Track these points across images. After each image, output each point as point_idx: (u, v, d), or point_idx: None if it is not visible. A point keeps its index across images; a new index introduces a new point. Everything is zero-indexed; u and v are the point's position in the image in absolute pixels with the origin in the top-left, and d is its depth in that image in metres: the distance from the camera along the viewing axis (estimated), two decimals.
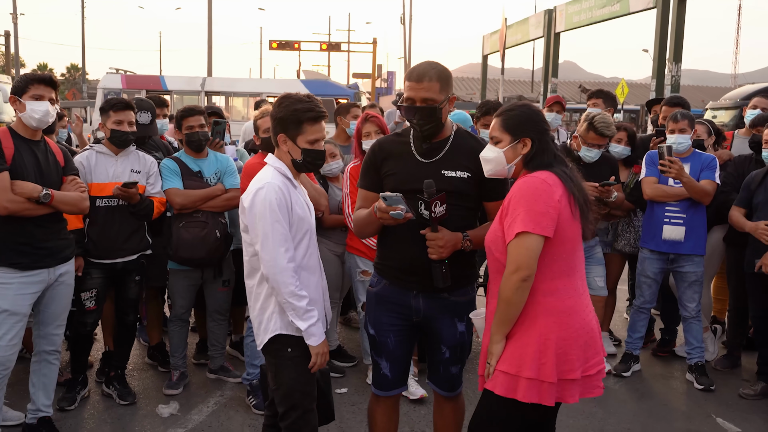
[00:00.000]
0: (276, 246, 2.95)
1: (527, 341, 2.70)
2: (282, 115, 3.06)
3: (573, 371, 2.70)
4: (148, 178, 4.57)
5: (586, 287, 2.89)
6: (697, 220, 5.04)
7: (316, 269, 3.20)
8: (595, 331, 2.81)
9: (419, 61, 3.19)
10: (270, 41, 36.86)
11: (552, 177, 2.75)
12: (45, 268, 3.86)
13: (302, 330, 3.00)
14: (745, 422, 4.59)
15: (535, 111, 2.92)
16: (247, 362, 4.72)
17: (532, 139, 2.83)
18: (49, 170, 3.90)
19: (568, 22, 27.07)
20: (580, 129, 5.21)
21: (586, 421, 4.54)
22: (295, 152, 3.08)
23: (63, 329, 4.15)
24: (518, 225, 2.66)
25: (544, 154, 2.82)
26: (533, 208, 2.66)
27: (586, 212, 2.79)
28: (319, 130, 3.09)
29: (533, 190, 2.71)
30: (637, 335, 5.39)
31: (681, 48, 20.05)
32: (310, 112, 3.04)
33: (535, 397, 2.68)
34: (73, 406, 4.50)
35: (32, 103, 3.78)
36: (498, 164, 2.88)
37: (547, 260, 2.71)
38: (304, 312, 2.98)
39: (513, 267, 2.67)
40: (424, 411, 4.54)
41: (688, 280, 5.12)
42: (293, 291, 2.96)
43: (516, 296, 2.68)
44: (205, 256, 4.59)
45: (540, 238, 2.66)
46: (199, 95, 19.30)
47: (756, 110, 5.91)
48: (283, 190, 3.01)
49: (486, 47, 37.12)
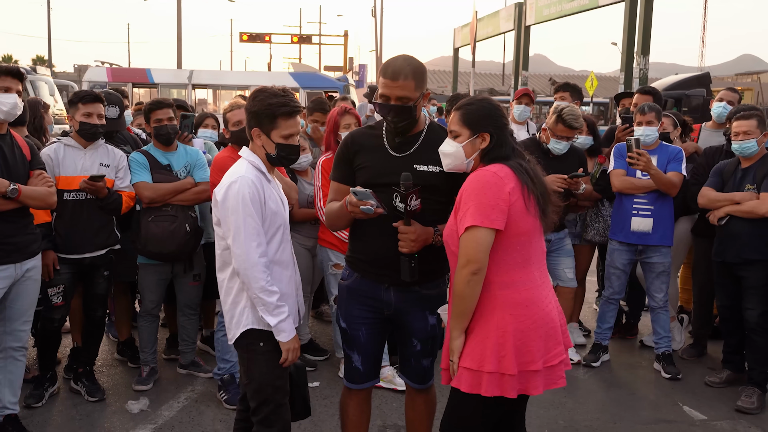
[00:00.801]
0: (248, 240, 2.93)
1: (486, 335, 2.71)
2: (256, 109, 3.03)
3: (534, 362, 2.70)
4: (117, 172, 4.52)
5: (546, 278, 2.88)
6: (664, 211, 5.12)
7: (290, 264, 3.18)
8: (556, 322, 2.81)
9: (391, 53, 3.20)
10: (240, 33, 36.46)
11: (504, 169, 2.74)
12: (11, 263, 3.80)
13: (272, 326, 2.99)
14: (711, 410, 4.68)
15: (494, 106, 2.90)
16: (218, 357, 4.68)
17: (490, 134, 2.82)
18: (16, 164, 3.83)
19: (538, 15, 27.26)
20: (548, 121, 5.25)
21: (556, 411, 4.59)
22: (269, 146, 3.07)
23: (30, 325, 4.09)
24: (468, 219, 2.65)
25: (501, 148, 2.82)
26: (482, 201, 2.66)
27: (543, 204, 2.78)
28: (293, 125, 3.06)
29: (483, 183, 2.70)
30: (606, 326, 5.46)
31: (649, 41, 20.31)
32: (284, 107, 3.01)
33: (497, 390, 2.69)
34: (41, 403, 4.44)
35: (0, 95, 3.71)
36: (457, 158, 2.88)
37: (501, 253, 2.70)
38: (274, 308, 2.97)
39: (464, 260, 2.67)
40: (396, 404, 4.56)
41: (656, 270, 5.20)
42: (263, 286, 2.94)
43: (468, 289, 2.68)
44: (175, 250, 4.55)
45: (490, 231, 2.65)
46: (187, 88, 18.97)
47: (722, 103, 5.98)
48: (256, 184, 2.99)
49: (457, 40, 37.24)
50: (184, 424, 4.30)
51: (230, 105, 4.84)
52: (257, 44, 38.68)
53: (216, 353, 4.74)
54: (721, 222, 4.84)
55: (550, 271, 5.42)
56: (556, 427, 4.39)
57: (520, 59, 29.14)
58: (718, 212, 4.85)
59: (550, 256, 5.38)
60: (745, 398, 4.68)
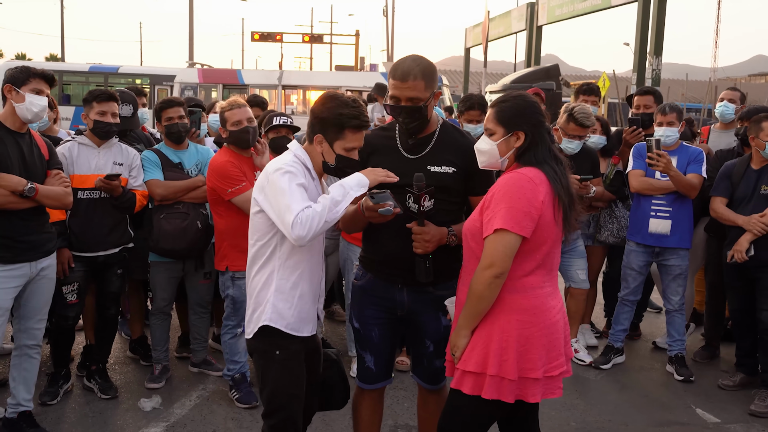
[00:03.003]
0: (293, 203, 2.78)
1: (490, 338, 2.71)
2: (325, 116, 2.93)
3: (534, 370, 2.69)
4: (130, 170, 4.54)
5: (556, 288, 2.86)
6: (683, 213, 5.07)
7: (317, 268, 3.13)
8: (560, 333, 2.78)
9: (402, 53, 3.19)
10: (252, 33, 36.42)
11: (540, 176, 2.71)
12: (27, 261, 3.82)
13: (352, 188, 2.84)
14: (724, 412, 4.65)
15: (529, 103, 2.85)
16: (226, 358, 4.65)
17: (525, 132, 2.78)
18: (34, 163, 3.86)
19: (550, 15, 27.16)
20: (560, 121, 5.24)
21: (568, 413, 4.58)
22: (328, 155, 2.98)
23: (44, 323, 4.10)
24: (498, 221, 2.64)
25: (537, 148, 2.78)
26: (515, 206, 2.64)
27: (569, 214, 2.75)
28: (359, 138, 2.96)
29: (518, 188, 2.67)
30: (619, 327, 5.43)
31: (662, 42, 20.19)
32: (354, 120, 2.91)
33: (495, 393, 2.68)
34: (56, 400, 4.46)
35: (33, 96, 3.77)
36: (491, 157, 2.84)
37: (519, 258, 2.69)
38: (335, 203, 2.80)
39: (487, 262, 2.65)
40: (408, 404, 4.56)
41: (672, 273, 5.16)
42: (322, 214, 2.77)
43: (488, 292, 2.67)
44: (186, 247, 4.57)
45: (518, 237, 2.64)
46: (277, 89, 18.65)
47: (723, 102, 5.93)
48: (302, 171, 2.92)
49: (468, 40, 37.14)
50: (196, 422, 4.31)
51: (228, 104, 4.58)
52: (269, 43, 38.67)
53: (224, 355, 4.69)
54: (749, 254, 4.71)
55: (562, 273, 5.44)
56: (568, 429, 4.38)
57: (532, 59, 29.04)
58: (740, 247, 4.72)
59: (563, 257, 5.35)
60: (759, 402, 4.65)
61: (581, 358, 5.39)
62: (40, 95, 3.81)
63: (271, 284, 2.99)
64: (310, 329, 3.09)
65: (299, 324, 3.02)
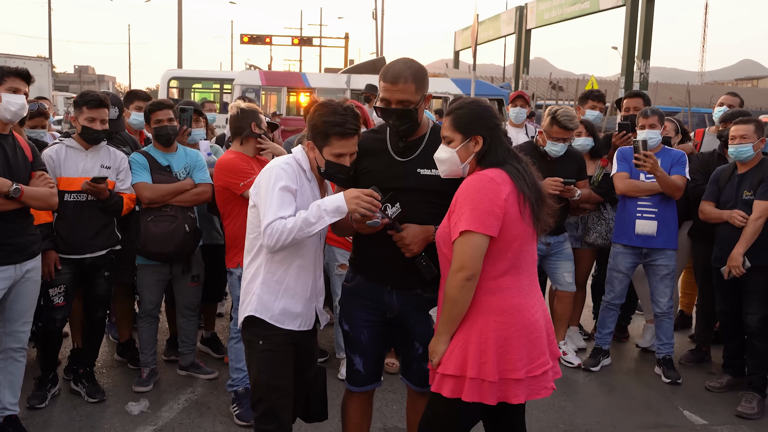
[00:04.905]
0: (271, 209, 2.89)
1: (468, 340, 2.71)
2: (313, 123, 3.02)
3: (516, 371, 2.69)
4: (118, 174, 4.51)
5: (535, 286, 2.86)
6: (668, 214, 5.12)
7: (311, 267, 3.15)
8: (541, 332, 2.78)
9: (391, 56, 3.19)
10: (241, 35, 36.31)
11: (501, 175, 2.73)
12: (11, 264, 3.79)
13: (329, 213, 2.86)
14: (712, 414, 4.68)
15: (484, 107, 2.88)
16: (231, 366, 4.50)
17: (483, 137, 2.79)
18: (18, 165, 3.83)
19: (539, 18, 27.32)
20: (544, 124, 5.26)
21: (556, 415, 4.59)
22: (319, 161, 3.06)
23: (30, 326, 4.08)
24: (463, 223, 2.64)
25: (497, 150, 2.79)
26: (479, 206, 2.65)
27: (538, 210, 2.75)
28: (346, 145, 2.99)
29: (480, 189, 2.68)
30: (606, 330, 5.46)
31: (650, 46, 20.36)
32: (338, 127, 2.95)
33: (476, 396, 2.68)
34: (44, 404, 4.43)
35: (9, 96, 3.74)
36: (452, 164, 2.85)
37: (491, 259, 2.69)
38: (308, 224, 2.85)
39: (458, 265, 2.66)
40: (397, 406, 4.56)
41: (660, 273, 5.18)
42: (291, 229, 2.84)
43: (461, 295, 2.67)
44: (174, 250, 4.55)
45: (485, 237, 2.64)
46: (345, 93, 18.45)
47: (723, 107, 6.02)
48: (293, 172, 3.02)
49: (458, 43, 37.28)
50: (185, 425, 4.29)
51: (232, 107, 4.81)
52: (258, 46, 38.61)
53: (230, 362, 4.55)
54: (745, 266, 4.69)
55: (549, 275, 5.45)
56: (556, 431, 4.39)
57: (521, 62, 29.20)
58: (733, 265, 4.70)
59: (550, 260, 5.38)
60: (745, 403, 4.68)
61: (570, 360, 5.41)
62: (17, 93, 3.78)
63: (258, 277, 3.08)
64: (298, 324, 3.12)
65: (284, 317, 3.08)
